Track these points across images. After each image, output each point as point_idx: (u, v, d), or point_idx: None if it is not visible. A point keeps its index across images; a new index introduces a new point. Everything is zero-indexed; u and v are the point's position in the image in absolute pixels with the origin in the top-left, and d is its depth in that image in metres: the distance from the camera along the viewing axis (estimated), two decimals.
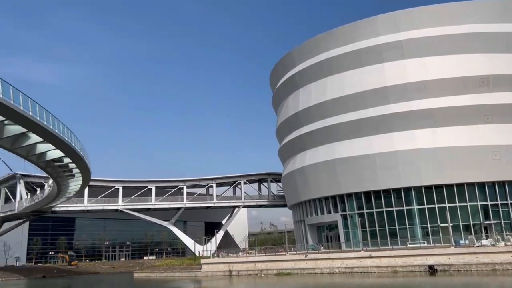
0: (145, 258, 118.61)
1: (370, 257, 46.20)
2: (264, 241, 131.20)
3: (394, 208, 58.49)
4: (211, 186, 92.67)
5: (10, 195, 78.87)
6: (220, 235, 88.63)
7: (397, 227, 57.99)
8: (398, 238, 55.28)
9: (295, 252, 56.84)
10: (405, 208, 57.96)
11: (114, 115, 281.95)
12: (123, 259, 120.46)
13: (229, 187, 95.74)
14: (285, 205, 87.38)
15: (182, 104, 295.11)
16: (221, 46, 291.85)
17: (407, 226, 57.67)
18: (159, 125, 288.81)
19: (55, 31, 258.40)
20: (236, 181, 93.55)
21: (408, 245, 52.00)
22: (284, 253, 56.38)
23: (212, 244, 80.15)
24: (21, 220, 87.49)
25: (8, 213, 77.22)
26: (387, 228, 58.54)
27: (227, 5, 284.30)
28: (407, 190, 57.95)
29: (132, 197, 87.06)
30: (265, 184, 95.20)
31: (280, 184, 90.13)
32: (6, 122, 29.94)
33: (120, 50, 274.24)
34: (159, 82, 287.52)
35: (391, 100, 58.44)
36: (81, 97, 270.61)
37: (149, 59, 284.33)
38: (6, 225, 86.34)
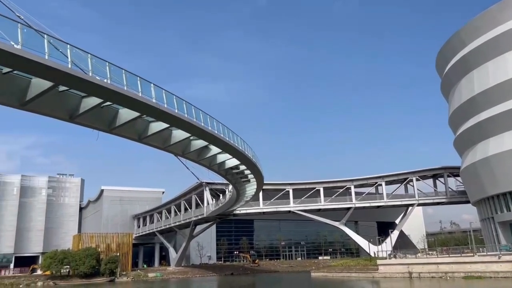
0: (320, 258, 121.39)
1: None
2: (445, 241, 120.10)
3: None
4: (380, 185, 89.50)
5: (199, 201, 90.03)
6: (395, 235, 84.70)
7: None
8: None
9: (484, 253, 50.69)
10: None
11: (276, 121, 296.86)
12: (299, 258, 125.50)
13: (399, 184, 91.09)
14: (467, 202, 78.72)
15: (340, 102, 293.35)
16: (378, 37, 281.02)
17: None
18: (321, 127, 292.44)
19: (220, 51, 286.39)
20: (407, 178, 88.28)
21: None
22: (472, 254, 50.75)
23: (387, 245, 77.10)
24: (210, 223, 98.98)
25: (199, 217, 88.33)
26: None
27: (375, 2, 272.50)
28: None
29: (302, 198, 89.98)
30: (441, 179, 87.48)
31: (459, 178, 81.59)
32: (191, 138, 34.27)
33: (275, 59, 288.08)
34: (318, 85, 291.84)
35: None
36: (252, 107, 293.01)
37: (303, 65, 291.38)
38: (198, 228, 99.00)
